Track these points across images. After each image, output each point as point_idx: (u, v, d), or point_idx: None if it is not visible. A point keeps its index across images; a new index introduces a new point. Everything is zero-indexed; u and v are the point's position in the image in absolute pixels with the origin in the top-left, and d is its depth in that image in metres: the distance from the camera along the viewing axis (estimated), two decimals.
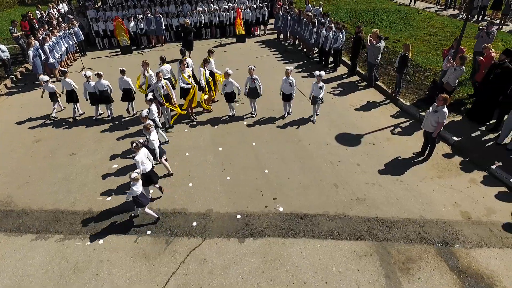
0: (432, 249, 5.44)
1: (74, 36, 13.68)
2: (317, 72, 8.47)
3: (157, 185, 6.49)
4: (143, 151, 6.05)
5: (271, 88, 11.07)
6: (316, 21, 13.20)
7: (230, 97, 8.98)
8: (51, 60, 11.46)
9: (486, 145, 7.80)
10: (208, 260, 5.34)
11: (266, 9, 16.24)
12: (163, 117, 8.97)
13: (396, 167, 7.30)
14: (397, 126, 8.80)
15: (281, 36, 16.13)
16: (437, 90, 8.70)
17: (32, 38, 11.31)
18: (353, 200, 6.44)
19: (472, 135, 8.15)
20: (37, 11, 15.49)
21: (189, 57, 13.73)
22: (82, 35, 14.40)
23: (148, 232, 5.88)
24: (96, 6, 16.42)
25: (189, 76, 8.67)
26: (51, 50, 11.48)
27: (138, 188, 5.53)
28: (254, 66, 8.81)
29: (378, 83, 10.99)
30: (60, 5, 16.85)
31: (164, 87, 8.32)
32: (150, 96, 7.65)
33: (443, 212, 6.11)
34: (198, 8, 15.90)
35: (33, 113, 9.97)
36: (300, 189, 6.74)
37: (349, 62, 12.40)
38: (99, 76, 8.81)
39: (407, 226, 5.84)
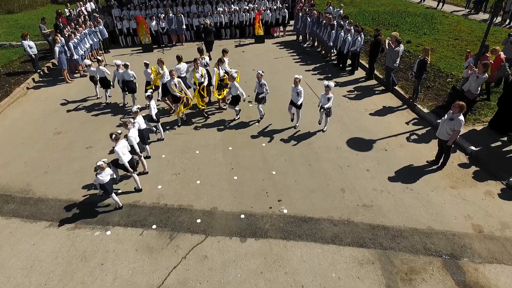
0: (438, 262, 5.27)
1: (99, 34, 14.22)
2: (325, 82, 8.04)
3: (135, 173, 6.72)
4: (123, 143, 6.37)
5: (286, 90, 11.04)
6: (335, 23, 13.06)
7: (235, 101, 8.93)
8: (75, 57, 11.96)
9: (507, 156, 7.45)
10: (209, 257, 5.42)
11: (286, 10, 16.20)
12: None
13: (408, 174, 7.11)
14: (412, 133, 8.56)
15: (300, 37, 16.06)
16: (458, 98, 8.38)
17: (59, 35, 11.82)
18: (359, 206, 6.33)
19: (492, 145, 7.81)
20: (66, 10, 16.18)
21: (209, 56, 13.94)
22: (107, 33, 14.91)
23: (154, 226, 6.03)
24: (124, 3, 16.88)
25: (201, 76, 8.80)
26: (76, 47, 11.98)
27: (103, 176, 5.91)
28: (262, 71, 8.70)
29: (396, 88, 10.73)
30: (88, 3, 17.51)
31: (177, 85, 8.49)
32: (149, 92, 7.91)
33: (453, 224, 5.90)
34: (218, 9, 16.09)
35: (56, 106, 10.45)
36: (306, 192, 6.70)
37: (367, 66, 12.18)
38: (126, 66, 9.38)
39: (414, 236, 5.68)
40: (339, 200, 6.47)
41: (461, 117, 6.43)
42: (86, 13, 16.07)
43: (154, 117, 7.91)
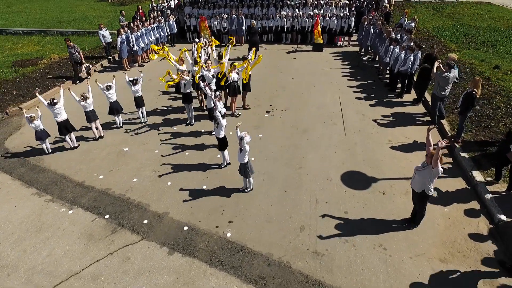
0: None
1: (168, 28, 15.60)
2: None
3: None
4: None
5: (311, 104, 10.27)
6: (397, 37, 11.50)
7: (222, 145, 7.46)
8: (135, 48, 13.35)
9: None
10: (131, 261, 5.45)
11: (353, 18, 14.91)
12: (187, 113, 9.40)
13: (392, 230, 5.84)
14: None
15: (363, 49, 14.61)
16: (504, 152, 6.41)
17: (125, 27, 13.34)
18: (309, 251, 5.48)
19: None
20: (150, 5, 18.11)
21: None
22: (175, 28, 16.20)
23: (107, 216, 6.36)
24: (196, 1, 18.06)
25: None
26: (137, 39, 13.35)
27: (35, 126, 7.83)
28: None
29: (443, 121, 8.85)
30: (171, 0, 19.29)
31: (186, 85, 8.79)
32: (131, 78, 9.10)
33: None
34: (282, 12, 15.79)
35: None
36: (262, 220, 6.12)
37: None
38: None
39: None
40: (290, 238, 5.72)
41: (438, 168, 5.00)
42: (165, 8, 17.65)
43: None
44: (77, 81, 12.39)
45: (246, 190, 6.81)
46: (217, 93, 7.81)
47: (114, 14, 23.86)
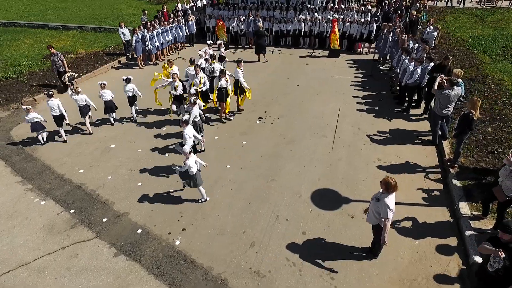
0: None
1: (186, 29, 15.92)
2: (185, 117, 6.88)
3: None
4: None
5: (307, 113, 9.87)
6: (416, 46, 10.71)
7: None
8: (149, 47, 13.76)
9: None
10: (78, 257, 5.59)
11: (374, 24, 14.10)
12: (180, 115, 9.49)
13: (348, 258, 5.39)
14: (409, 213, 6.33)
15: (381, 58, 13.76)
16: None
17: (140, 27, 13.80)
18: (251, 270, 5.24)
19: None
20: (178, 5, 18.58)
21: (265, 60, 13.83)
22: (195, 28, 16.48)
23: (72, 211, 6.58)
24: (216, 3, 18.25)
25: (199, 82, 8.82)
26: (151, 38, 13.75)
27: (29, 117, 8.25)
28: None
29: (445, 142, 8.04)
30: (199, 0, 19.64)
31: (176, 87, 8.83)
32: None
33: None
34: (300, 16, 15.37)
35: (114, 87, 12.28)
36: (215, 232, 5.97)
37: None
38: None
39: None
40: (237, 254, 5.51)
41: (389, 200, 4.43)
42: (187, 9, 18.02)
43: None
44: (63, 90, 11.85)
45: (200, 201, 6.67)
46: (193, 98, 7.75)
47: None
